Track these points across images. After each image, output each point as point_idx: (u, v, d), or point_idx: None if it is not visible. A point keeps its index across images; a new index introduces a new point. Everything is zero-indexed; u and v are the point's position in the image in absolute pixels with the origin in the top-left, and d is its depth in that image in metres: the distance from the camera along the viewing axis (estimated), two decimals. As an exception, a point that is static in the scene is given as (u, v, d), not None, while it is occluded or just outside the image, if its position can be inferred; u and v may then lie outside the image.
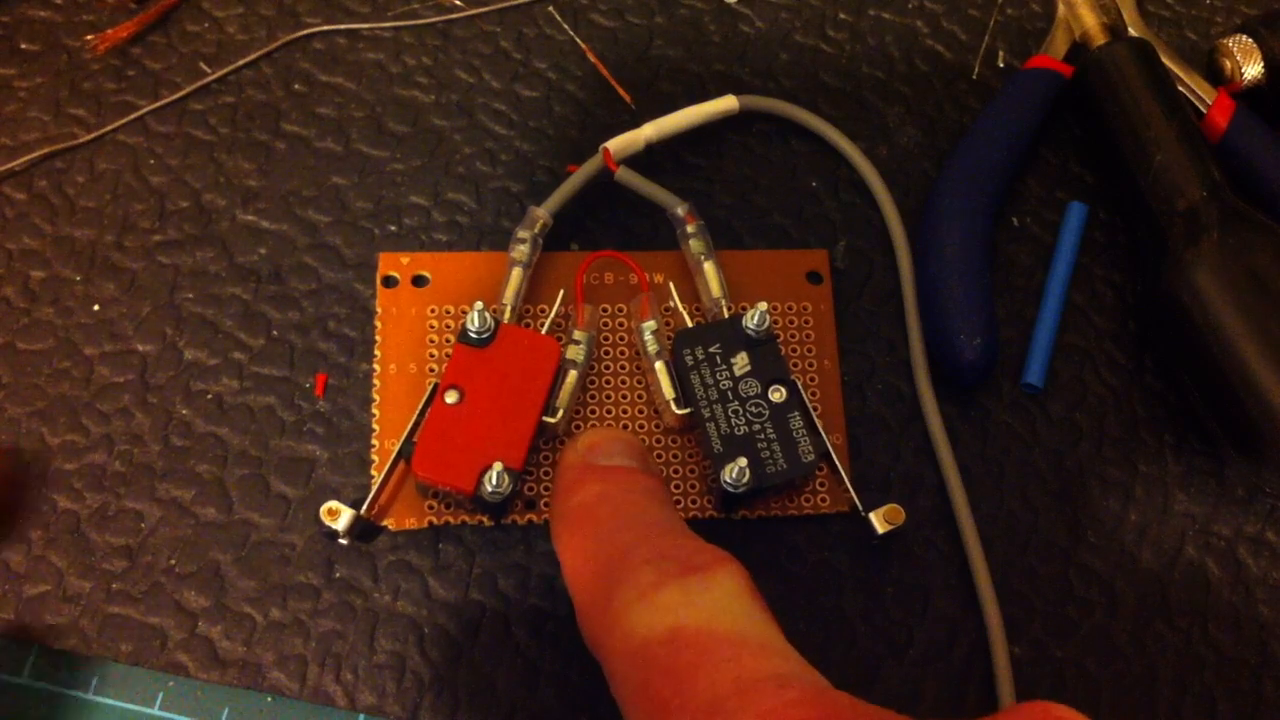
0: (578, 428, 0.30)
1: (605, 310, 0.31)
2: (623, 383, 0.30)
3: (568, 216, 0.32)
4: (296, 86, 0.34)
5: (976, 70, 0.36)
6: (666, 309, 0.31)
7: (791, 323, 0.31)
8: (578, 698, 0.28)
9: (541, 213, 0.30)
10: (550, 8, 0.36)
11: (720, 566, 0.22)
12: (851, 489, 0.29)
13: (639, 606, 0.21)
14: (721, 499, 0.29)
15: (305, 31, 0.35)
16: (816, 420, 0.29)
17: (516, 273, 0.30)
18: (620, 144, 0.32)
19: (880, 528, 0.28)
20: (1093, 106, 0.34)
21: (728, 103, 0.33)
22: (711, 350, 0.29)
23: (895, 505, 0.28)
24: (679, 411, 0.29)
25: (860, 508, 0.29)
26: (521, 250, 0.30)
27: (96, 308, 0.31)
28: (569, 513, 0.25)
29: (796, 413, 0.28)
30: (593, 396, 0.30)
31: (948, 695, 0.29)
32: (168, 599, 0.28)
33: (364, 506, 0.27)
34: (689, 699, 0.19)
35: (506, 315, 0.29)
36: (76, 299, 0.31)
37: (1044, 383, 0.32)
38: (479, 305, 0.28)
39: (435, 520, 0.29)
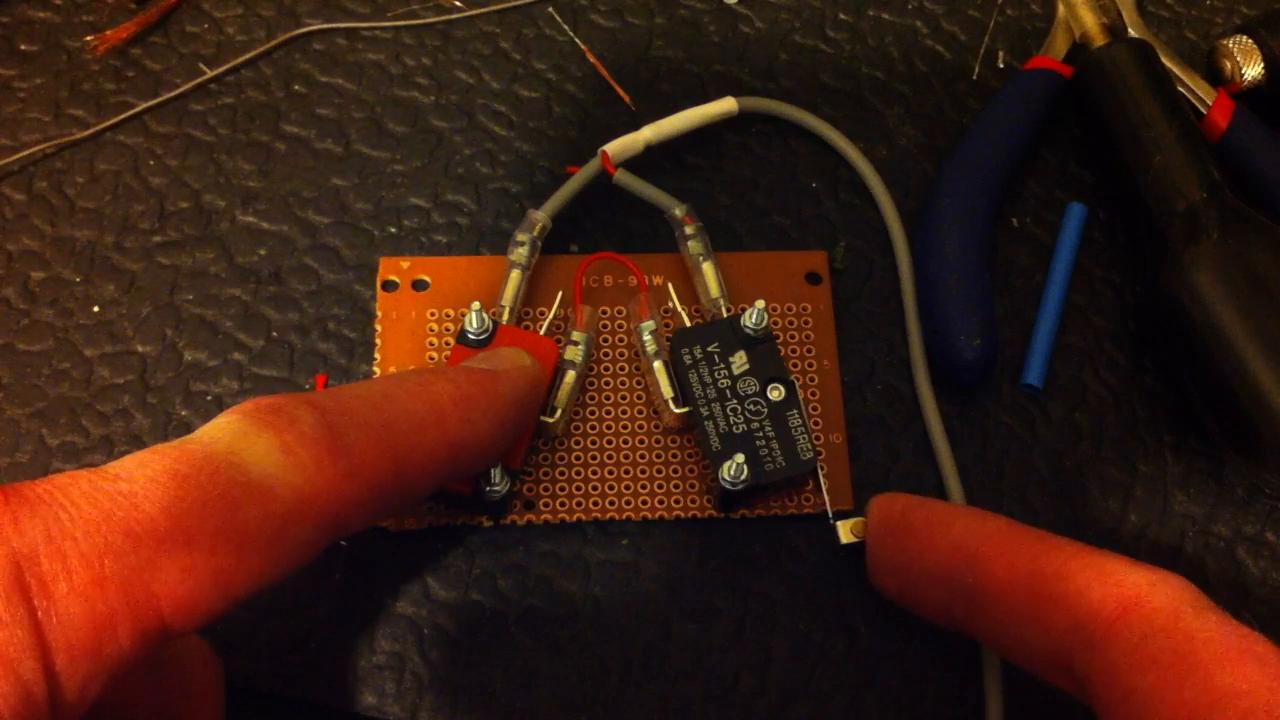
0: (577, 428, 0.30)
1: (605, 313, 0.31)
2: (621, 383, 0.30)
3: (567, 218, 0.32)
4: (296, 87, 0.34)
5: (976, 70, 0.36)
6: (665, 310, 0.31)
7: (791, 323, 0.31)
8: (576, 698, 0.28)
9: (540, 216, 0.31)
10: (550, 8, 0.36)
11: None
12: (827, 497, 0.29)
13: None
14: (721, 498, 0.29)
15: (305, 29, 0.35)
16: (809, 424, 0.29)
17: (515, 275, 0.30)
18: (618, 147, 0.31)
19: (845, 538, 0.28)
20: (1092, 107, 0.34)
21: (726, 105, 0.33)
22: (710, 349, 0.29)
23: (861, 519, 0.28)
24: (677, 410, 0.29)
25: (830, 515, 0.29)
26: (520, 253, 0.30)
27: (96, 309, 0.31)
28: None
29: (795, 411, 0.29)
30: (591, 397, 0.30)
31: (948, 695, 0.29)
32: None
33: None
34: None
35: (505, 317, 0.29)
36: (76, 300, 0.31)
37: (1044, 383, 0.32)
38: (476, 306, 0.28)
39: (435, 520, 0.29)
